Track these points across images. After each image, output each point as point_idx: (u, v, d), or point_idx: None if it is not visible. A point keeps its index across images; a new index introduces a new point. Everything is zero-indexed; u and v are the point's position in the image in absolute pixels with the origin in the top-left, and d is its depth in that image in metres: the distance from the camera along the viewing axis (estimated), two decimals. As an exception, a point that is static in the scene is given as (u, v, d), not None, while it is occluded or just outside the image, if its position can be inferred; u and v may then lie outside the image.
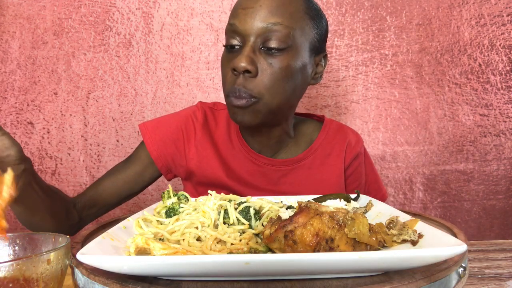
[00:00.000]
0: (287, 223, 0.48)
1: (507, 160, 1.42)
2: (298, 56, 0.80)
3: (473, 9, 1.40)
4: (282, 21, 0.77)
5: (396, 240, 0.51)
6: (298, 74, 0.81)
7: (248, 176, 0.91)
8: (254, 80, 0.78)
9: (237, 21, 0.79)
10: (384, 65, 1.42)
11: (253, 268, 0.40)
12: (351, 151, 0.96)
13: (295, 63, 0.80)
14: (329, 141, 0.96)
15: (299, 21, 0.80)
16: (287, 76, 0.79)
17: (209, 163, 0.91)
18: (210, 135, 0.94)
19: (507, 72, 1.40)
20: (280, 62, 0.78)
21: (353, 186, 0.97)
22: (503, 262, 0.71)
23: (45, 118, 1.38)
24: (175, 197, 0.65)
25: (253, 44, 0.78)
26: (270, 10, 0.77)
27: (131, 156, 0.96)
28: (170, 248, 0.48)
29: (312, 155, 0.93)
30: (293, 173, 0.92)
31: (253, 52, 0.78)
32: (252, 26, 0.77)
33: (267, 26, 0.77)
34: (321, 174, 0.93)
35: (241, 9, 0.79)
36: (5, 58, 1.36)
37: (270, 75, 0.78)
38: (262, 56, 0.78)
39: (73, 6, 1.37)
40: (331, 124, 0.98)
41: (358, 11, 1.41)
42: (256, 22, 0.77)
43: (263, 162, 0.91)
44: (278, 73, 0.78)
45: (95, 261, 0.42)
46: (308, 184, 0.91)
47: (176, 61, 1.41)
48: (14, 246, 0.52)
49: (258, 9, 0.77)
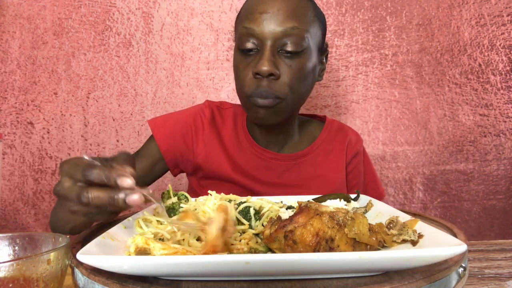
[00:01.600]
0: (287, 223, 0.48)
1: (507, 160, 1.42)
2: (311, 57, 0.85)
3: (473, 9, 1.40)
4: (298, 25, 0.81)
5: (396, 240, 0.50)
6: (311, 74, 0.86)
7: (253, 170, 0.94)
8: (277, 82, 0.81)
9: (255, 25, 0.81)
10: (384, 65, 1.42)
11: (253, 268, 0.40)
12: (351, 149, 1.00)
13: (309, 64, 0.85)
14: (330, 139, 1.00)
15: (311, 24, 0.84)
16: (304, 77, 0.84)
17: (215, 157, 0.95)
18: (217, 132, 0.97)
19: (507, 72, 1.40)
20: (298, 64, 0.82)
21: (353, 183, 1.01)
22: (503, 262, 0.71)
23: (45, 118, 1.38)
24: (175, 197, 0.65)
25: (271, 48, 0.81)
26: (287, 14, 0.80)
27: (140, 151, 0.98)
28: (170, 248, 0.48)
29: (315, 152, 0.97)
30: (296, 168, 0.95)
31: (273, 55, 0.81)
32: (271, 30, 0.80)
33: (285, 30, 0.80)
34: (323, 169, 0.96)
35: (258, 13, 0.82)
36: (5, 58, 1.36)
37: (290, 76, 0.82)
38: (281, 59, 0.82)
39: (73, 6, 1.37)
40: (332, 124, 1.03)
41: (358, 11, 1.41)
42: (274, 26, 0.80)
43: (269, 157, 0.95)
44: (297, 74, 0.82)
45: (95, 261, 0.42)
46: (311, 179, 0.95)
47: (176, 61, 1.41)
48: (14, 246, 0.52)
49: (276, 13, 0.80)
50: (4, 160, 1.37)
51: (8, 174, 1.37)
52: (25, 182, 1.38)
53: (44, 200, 1.38)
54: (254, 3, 0.84)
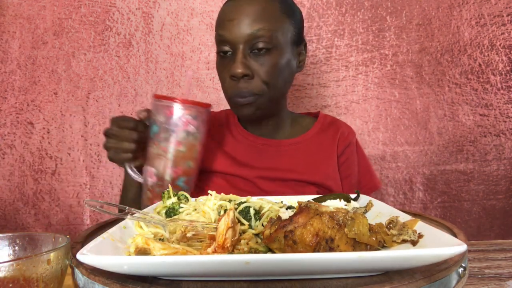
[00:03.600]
0: (287, 223, 0.48)
1: (507, 160, 1.42)
2: (283, 53, 0.91)
3: (473, 9, 1.40)
4: (264, 26, 0.88)
5: (396, 240, 0.50)
6: (285, 68, 0.93)
7: (247, 157, 1.00)
8: (253, 81, 0.90)
9: (226, 32, 0.89)
10: (384, 65, 1.42)
11: (253, 268, 0.40)
12: (344, 140, 1.03)
13: (282, 60, 0.91)
14: (323, 130, 1.04)
15: (278, 22, 0.90)
16: (278, 72, 0.91)
17: (211, 154, 1.00)
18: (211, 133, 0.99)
19: (507, 72, 1.40)
20: (270, 61, 0.89)
21: (347, 173, 1.03)
22: (503, 262, 0.71)
23: (45, 118, 1.38)
24: (175, 197, 0.65)
25: (243, 51, 0.89)
26: (253, 18, 0.88)
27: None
28: (170, 248, 0.48)
29: (307, 141, 1.02)
30: (289, 153, 1.00)
31: (245, 57, 0.89)
32: (240, 35, 0.88)
33: (253, 32, 0.87)
34: (315, 156, 1.00)
35: (227, 21, 0.90)
36: (5, 58, 1.36)
37: (264, 73, 0.89)
38: (253, 59, 0.89)
39: (73, 6, 1.37)
40: (325, 117, 1.08)
41: (358, 11, 1.41)
42: (243, 30, 0.88)
43: (260, 143, 1.01)
44: (271, 71, 0.90)
45: (95, 261, 0.42)
46: (303, 164, 0.98)
47: (176, 61, 1.41)
48: (14, 246, 0.52)
49: (242, 19, 0.88)
50: (4, 160, 1.37)
51: (8, 174, 1.37)
52: (25, 182, 1.38)
53: (44, 200, 1.38)
54: (224, 11, 0.92)
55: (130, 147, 0.84)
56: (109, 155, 0.87)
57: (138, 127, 0.85)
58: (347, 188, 1.02)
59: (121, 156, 0.86)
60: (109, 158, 0.87)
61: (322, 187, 0.97)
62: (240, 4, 0.90)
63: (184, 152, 0.85)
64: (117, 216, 0.58)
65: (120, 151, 0.85)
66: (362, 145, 1.41)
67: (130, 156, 0.86)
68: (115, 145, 0.85)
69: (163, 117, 0.83)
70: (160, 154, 0.84)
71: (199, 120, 0.85)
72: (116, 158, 0.86)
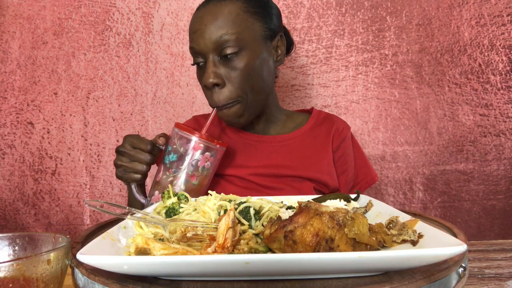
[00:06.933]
0: (287, 223, 0.48)
1: (507, 160, 1.42)
2: (254, 52, 0.90)
3: (473, 9, 1.40)
4: (227, 30, 0.87)
5: (396, 240, 0.50)
6: (260, 66, 0.92)
7: (241, 155, 1.00)
8: (226, 88, 0.89)
9: (195, 44, 0.90)
10: (384, 65, 1.42)
11: (253, 268, 0.40)
12: (339, 135, 1.03)
13: (254, 59, 0.90)
14: (317, 125, 1.04)
15: (243, 23, 0.89)
16: (252, 72, 0.90)
17: None
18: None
19: (507, 72, 1.40)
20: (240, 64, 0.88)
21: (343, 168, 1.03)
22: (503, 262, 0.71)
23: (45, 118, 1.38)
24: (175, 197, 0.65)
25: (212, 59, 0.88)
26: (215, 26, 0.87)
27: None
28: (170, 248, 0.48)
29: (302, 136, 1.02)
30: (284, 149, 1.00)
31: (215, 65, 0.88)
32: (206, 44, 0.88)
33: (217, 40, 0.87)
34: (310, 151, 1.00)
35: (192, 33, 0.91)
36: (5, 58, 1.36)
37: (236, 78, 0.89)
38: (223, 65, 0.89)
39: (73, 6, 1.37)
40: (319, 113, 1.08)
41: (358, 11, 1.41)
42: (207, 40, 0.87)
43: (255, 140, 1.02)
44: (243, 74, 0.89)
45: (95, 261, 0.42)
46: (299, 159, 0.98)
47: (176, 61, 1.41)
48: (14, 246, 0.52)
49: (204, 29, 0.88)
50: (4, 160, 1.37)
51: (8, 174, 1.37)
52: (25, 182, 1.38)
53: (44, 200, 1.38)
54: (191, 24, 0.93)
55: (142, 168, 0.85)
56: (118, 173, 0.87)
57: (153, 151, 0.86)
58: (344, 182, 1.02)
59: (130, 176, 0.86)
60: (117, 175, 0.88)
61: (317, 182, 0.96)
62: (203, 14, 0.90)
63: (195, 185, 0.86)
64: (117, 216, 0.58)
65: (131, 171, 0.85)
66: (362, 145, 1.41)
67: (140, 177, 0.86)
68: (126, 164, 0.85)
69: (183, 149, 0.84)
70: (172, 182, 0.84)
71: (216, 158, 0.87)
72: (125, 177, 0.87)
